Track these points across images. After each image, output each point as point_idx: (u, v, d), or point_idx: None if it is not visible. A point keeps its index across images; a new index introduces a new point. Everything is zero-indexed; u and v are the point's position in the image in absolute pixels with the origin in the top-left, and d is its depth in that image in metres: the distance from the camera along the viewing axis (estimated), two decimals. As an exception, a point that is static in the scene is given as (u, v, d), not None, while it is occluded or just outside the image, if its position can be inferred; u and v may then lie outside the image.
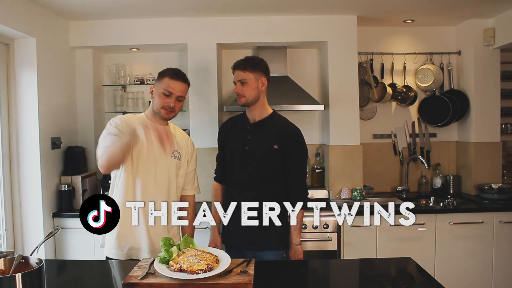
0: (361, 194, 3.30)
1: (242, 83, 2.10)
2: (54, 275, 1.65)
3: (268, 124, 2.14)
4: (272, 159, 2.09)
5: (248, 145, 2.12)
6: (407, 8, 3.19)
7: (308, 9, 3.21)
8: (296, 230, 2.06)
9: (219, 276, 1.39)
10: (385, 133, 3.78)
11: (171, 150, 2.06)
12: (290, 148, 2.10)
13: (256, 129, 2.14)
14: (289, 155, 2.09)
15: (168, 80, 2.00)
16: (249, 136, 2.13)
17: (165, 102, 1.99)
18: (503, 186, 3.37)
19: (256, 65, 2.12)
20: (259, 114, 2.15)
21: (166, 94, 1.99)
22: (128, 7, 3.06)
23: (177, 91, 2.00)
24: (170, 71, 2.05)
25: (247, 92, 2.09)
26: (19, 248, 2.85)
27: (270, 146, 2.08)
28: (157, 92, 2.01)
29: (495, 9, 3.21)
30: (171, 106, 2.00)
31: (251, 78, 2.09)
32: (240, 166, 2.14)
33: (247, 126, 2.17)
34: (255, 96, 2.10)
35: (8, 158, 2.82)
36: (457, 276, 3.03)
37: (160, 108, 2.00)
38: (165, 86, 1.99)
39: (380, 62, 3.69)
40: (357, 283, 1.62)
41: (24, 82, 2.85)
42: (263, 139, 2.11)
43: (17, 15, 2.66)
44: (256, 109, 2.14)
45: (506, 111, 3.75)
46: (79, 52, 3.44)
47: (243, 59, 2.15)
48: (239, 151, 2.14)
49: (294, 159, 2.11)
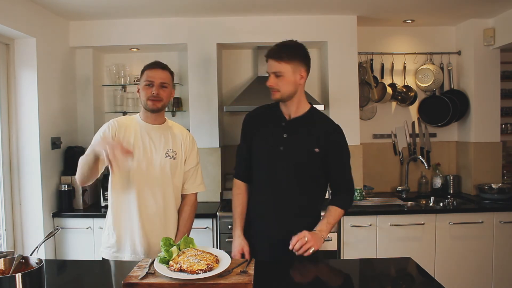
0: (361, 194, 3.30)
1: (276, 76, 1.79)
2: (54, 275, 1.65)
3: (307, 123, 1.87)
4: (313, 164, 1.85)
5: (284, 145, 1.85)
6: (407, 8, 3.19)
7: (308, 9, 3.21)
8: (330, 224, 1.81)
9: (219, 276, 1.39)
10: (385, 133, 3.78)
11: (165, 150, 2.00)
12: (336, 149, 1.88)
13: (294, 128, 1.86)
14: (335, 157, 1.87)
15: (148, 71, 1.98)
16: (285, 135, 1.86)
17: (149, 92, 1.95)
18: (503, 186, 3.37)
19: (294, 54, 1.80)
20: (295, 110, 1.88)
21: (148, 84, 1.95)
22: (128, 7, 3.06)
23: (158, 78, 1.96)
24: (148, 64, 2.02)
25: (283, 86, 1.79)
26: (19, 248, 2.85)
27: (310, 150, 1.83)
28: (141, 86, 1.99)
29: (495, 9, 3.21)
30: (155, 94, 1.94)
31: (287, 70, 1.78)
32: (273, 169, 1.86)
33: (282, 122, 1.88)
34: (292, 90, 1.81)
35: (8, 158, 2.82)
36: (457, 276, 3.04)
37: (147, 101, 1.96)
38: (145, 78, 1.97)
39: (380, 62, 3.69)
40: (357, 283, 1.62)
41: (24, 82, 2.85)
42: (303, 141, 1.85)
43: (17, 15, 2.66)
44: (292, 104, 1.86)
45: (506, 111, 3.75)
46: (79, 52, 3.44)
47: (279, 46, 1.83)
48: (272, 151, 1.86)
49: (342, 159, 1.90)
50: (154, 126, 2.03)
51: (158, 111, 2.00)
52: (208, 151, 3.32)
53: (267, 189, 1.89)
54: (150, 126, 2.03)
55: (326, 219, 1.82)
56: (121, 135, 1.96)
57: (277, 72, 1.79)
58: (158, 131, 2.03)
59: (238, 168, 2.01)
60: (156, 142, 2.00)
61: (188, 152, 2.10)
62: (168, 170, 2.00)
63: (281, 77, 1.79)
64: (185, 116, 3.60)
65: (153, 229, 1.96)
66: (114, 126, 1.98)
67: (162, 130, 2.05)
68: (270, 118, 1.92)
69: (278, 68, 1.78)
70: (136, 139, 1.98)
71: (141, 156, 1.95)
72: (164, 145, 2.01)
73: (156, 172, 1.97)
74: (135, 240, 1.94)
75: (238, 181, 2.00)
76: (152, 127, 2.03)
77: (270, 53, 1.82)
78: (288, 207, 1.88)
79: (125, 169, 1.90)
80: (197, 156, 2.14)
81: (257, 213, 1.95)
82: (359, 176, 3.41)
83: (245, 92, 3.36)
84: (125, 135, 1.97)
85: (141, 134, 2.00)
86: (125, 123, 2.01)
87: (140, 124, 2.03)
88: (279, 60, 1.78)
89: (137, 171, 1.95)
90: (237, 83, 3.69)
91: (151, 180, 1.96)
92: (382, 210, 3.05)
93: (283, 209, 1.88)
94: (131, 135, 1.98)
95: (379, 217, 3.01)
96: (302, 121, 1.88)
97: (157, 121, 2.05)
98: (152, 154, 1.98)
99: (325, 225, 1.80)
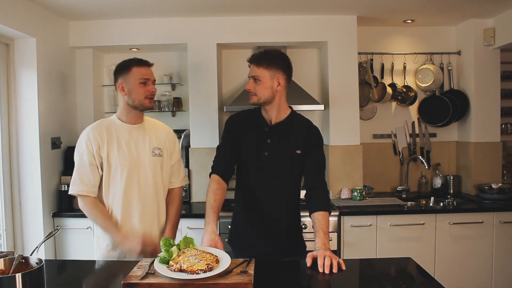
0: (361, 194, 3.30)
1: (255, 80, 1.86)
2: (54, 275, 1.65)
3: (289, 127, 1.93)
4: (296, 166, 1.92)
5: (268, 151, 1.90)
6: (407, 8, 3.19)
7: (308, 9, 3.21)
8: (327, 233, 1.78)
9: (219, 276, 1.39)
10: (385, 133, 3.78)
11: (151, 149, 1.97)
12: (314, 149, 1.93)
13: (276, 133, 1.92)
14: (313, 157, 1.92)
15: (138, 68, 1.92)
16: (269, 140, 1.91)
17: (148, 90, 1.91)
18: (503, 186, 3.37)
19: (273, 61, 1.85)
20: (276, 115, 1.93)
21: (143, 82, 1.90)
22: (128, 7, 3.06)
23: (151, 75, 1.94)
24: (132, 61, 1.95)
25: (260, 90, 1.86)
26: (19, 248, 2.85)
27: (293, 152, 1.90)
28: (133, 84, 1.90)
29: (495, 9, 3.21)
30: (155, 92, 1.93)
31: (265, 76, 1.84)
32: (259, 174, 1.92)
33: (265, 128, 1.93)
34: (268, 96, 1.86)
35: (8, 158, 2.82)
36: (457, 276, 3.04)
37: (144, 99, 1.91)
38: (139, 76, 1.90)
39: (380, 62, 3.69)
40: (357, 283, 1.62)
41: (24, 82, 2.85)
42: (285, 145, 1.91)
43: (17, 15, 2.66)
44: (272, 110, 1.92)
45: (506, 111, 3.75)
46: (79, 52, 3.44)
47: (261, 53, 1.89)
48: (257, 156, 1.91)
49: (319, 158, 1.94)
50: (134, 126, 1.98)
51: (151, 108, 1.98)
52: (208, 151, 3.32)
53: (253, 193, 1.95)
54: (131, 127, 1.97)
55: (321, 231, 1.76)
56: (104, 146, 1.89)
57: (255, 76, 1.86)
58: (140, 130, 1.98)
59: (220, 165, 1.94)
60: (141, 143, 1.95)
61: (171, 147, 2.07)
62: (158, 169, 1.97)
63: (259, 82, 1.85)
64: (185, 116, 3.60)
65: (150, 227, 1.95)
66: (95, 137, 1.89)
67: (143, 129, 1.99)
68: (254, 123, 1.96)
69: (256, 72, 1.85)
70: (120, 143, 1.91)
71: (127, 160, 1.90)
72: (149, 144, 1.97)
73: (147, 174, 1.94)
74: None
75: (218, 177, 1.90)
76: (133, 127, 1.97)
77: (251, 58, 1.89)
78: (275, 208, 1.94)
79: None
80: (180, 149, 2.13)
81: (245, 217, 1.99)
82: (359, 176, 3.41)
83: (245, 92, 3.34)
84: (108, 144, 1.90)
85: (124, 138, 1.93)
86: (104, 129, 1.93)
87: (120, 126, 1.96)
88: (258, 66, 1.85)
89: (128, 177, 1.90)
90: (237, 83, 3.69)
91: (144, 184, 1.93)
92: (382, 210, 3.05)
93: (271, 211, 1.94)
94: (114, 141, 1.91)
95: (379, 217, 3.01)
96: (283, 126, 1.93)
97: (138, 120, 1.99)
98: (139, 156, 1.93)
99: (324, 238, 1.75)
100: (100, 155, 1.89)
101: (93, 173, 1.89)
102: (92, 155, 1.88)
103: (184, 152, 3.45)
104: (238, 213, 2.06)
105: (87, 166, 1.88)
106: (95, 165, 1.89)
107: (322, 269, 1.57)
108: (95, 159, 1.89)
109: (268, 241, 1.95)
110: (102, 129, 1.93)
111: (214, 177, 1.90)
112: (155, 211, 1.99)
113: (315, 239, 1.75)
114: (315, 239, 1.75)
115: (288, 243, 1.98)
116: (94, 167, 1.89)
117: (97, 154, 1.89)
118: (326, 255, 1.60)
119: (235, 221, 2.08)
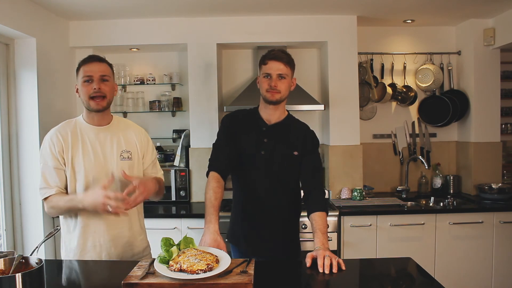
0: (361, 194, 3.30)
1: (280, 77, 1.86)
2: (54, 275, 1.65)
3: (287, 128, 1.97)
4: (292, 166, 1.94)
5: (265, 150, 1.92)
6: (407, 8, 3.19)
7: (308, 9, 3.21)
8: (325, 234, 1.77)
9: (219, 276, 1.39)
10: (385, 133, 3.78)
11: (119, 152, 1.84)
12: (310, 153, 1.96)
13: (273, 133, 1.94)
14: (310, 159, 1.95)
15: (84, 67, 1.78)
16: (266, 139, 1.93)
17: (89, 89, 1.75)
18: (503, 186, 3.36)
19: (292, 61, 1.92)
20: (277, 116, 1.95)
21: (87, 80, 1.76)
22: (128, 7, 3.06)
23: (97, 72, 1.76)
24: (82, 60, 1.82)
25: (284, 88, 1.87)
26: (19, 248, 2.85)
27: (290, 153, 1.93)
28: (80, 85, 1.78)
29: (495, 9, 3.21)
30: (96, 89, 1.74)
31: (289, 74, 1.88)
32: (256, 173, 1.94)
33: (263, 127, 1.95)
34: (287, 95, 1.91)
35: (8, 158, 2.82)
36: (457, 276, 3.04)
37: (89, 100, 1.76)
38: (82, 74, 1.77)
39: (380, 62, 3.69)
40: (357, 283, 1.62)
41: (24, 82, 2.85)
42: (282, 145, 1.93)
43: (17, 15, 2.66)
44: (278, 109, 1.94)
45: (506, 111, 3.75)
46: (79, 52, 3.44)
47: (283, 51, 1.91)
48: (254, 155, 1.93)
49: (315, 162, 1.96)
50: (101, 127, 1.85)
51: (103, 110, 1.80)
52: (208, 151, 3.24)
53: (251, 192, 1.96)
54: (97, 129, 1.84)
55: (319, 232, 1.76)
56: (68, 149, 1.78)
57: (282, 74, 1.86)
58: (107, 132, 1.85)
59: (218, 163, 1.92)
60: (108, 146, 1.83)
61: (144, 148, 1.93)
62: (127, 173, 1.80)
63: (284, 80, 1.87)
64: (185, 116, 3.60)
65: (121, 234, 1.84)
66: (58, 140, 1.78)
67: (111, 131, 1.86)
68: (251, 123, 1.97)
69: (284, 70, 1.86)
70: (85, 147, 1.79)
71: (93, 165, 1.78)
72: (116, 147, 1.84)
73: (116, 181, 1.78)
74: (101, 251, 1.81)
75: (217, 175, 1.87)
76: (99, 129, 1.84)
77: (276, 56, 1.87)
78: (272, 208, 1.96)
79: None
80: (153, 149, 2.00)
81: (243, 215, 2.01)
82: (359, 176, 3.41)
83: (245, 92, 3.36)
84: (73, 147, 1.79)
85: (90, 140, 1.81)
86: (68, 131, 1.82)
87: (85, 128, 1.84)
88: (285, 63, 1.87)
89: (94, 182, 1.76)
90: (237, 83, 3.69)
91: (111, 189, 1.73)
92: (382, 210, 3.05)
93: (268, 210, 1.96)
94: (78, 144, 1.79)
95: (379, 217, 3.01)
96: (281, 127, 1.96)
97: (105, 120, 1.86)
98: (106, 161, 1.81)
99: (323, 238, 1.75)
100: (63, 158, 1.78)
101: (59, 176, 1.78)
102: (56, 158, 1.78)
103: (184, 152, 3.45)
104: (236, 212, 2.07)
105: (52, 170, 1.78)
106: (61, 169, 1.78)
107: (322, 269, 1.56)
108: (60, 162, 1.78)
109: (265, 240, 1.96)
110: (66, 131, 1.81)
111: (213, 175, 1.87)
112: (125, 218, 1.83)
113: (314, 239, 1.75)
114: (314, 240, 1.75)
115: (284, 242, 2.00)
116: (60, 171, 1.78)
117: (60, 157, 1.78)
118: (326, 255, 1.60)
119: (233, 219, 2.09)
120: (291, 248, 2.04)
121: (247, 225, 2.00)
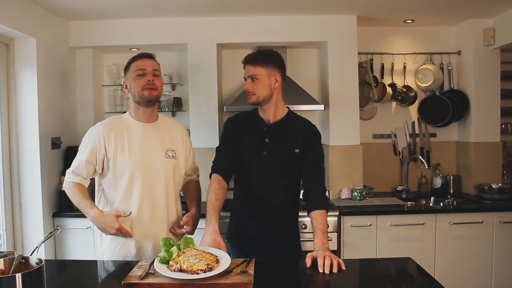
0: (361, 194, 3.30)
1: (252, 79, 1.89)
2: (54, 275, 1.65)
3: (287, 126, 1.96)
4: (294, 164, 1.94)
5: (267, 150, 1.92)
6: (407, 8, 3.19)
7: (308, 9, 3.21)
8: (325, 233, 1.77)
9: (219, 276, 1.39)
10: (385, 133, 3.78)
11: (164, 150, 1.88)
12: (312, 148, 1.94)
13: (274, 132, 1.94)
14: (310, 156, 1.94)
15: (136, 62, 1.86)
16: (267, 139, 1.93)
17: (143, 81, 1.81)
18: (503, 186, 3.36)
19: (268, 59, 1.90)
20: (274, 114, 1.95)
21: (140, 74, 1.83)
22: (128, 7, 3.06)
23: (149, 66, 1.85)
24: (134, 56, 1.91)
25: (258, 89, 1.89)
26: (19, 248, 2.85)
27: (292, 151, 1.92)
28: (131, 79, 1.85)
29: (495, 9, 3.21)
30: (150, 81, 1.81)
31: (262, 74, 1.88)
32: (258, 173, 1.94)
33: (263, 127, 1.95)
34: (267, 94, 1.90)
35: (8, 158, 2.82)
36: (457, 276, 3.04)
37: (142, 91, 1.81)
38: (134, 68, 1.84)
39: (380, 62, 3.69)
40: (357, 283, 1.62)
41: (24, 82, 2.85)
42: (284, 144, 1.93)
43: (17, 15, 2.66)
44: (270, 108, 1.94)
45: (506, 111, 3.75)
46: (79, 52, 3.44)
47: (255, 53, 1.93)
48: (256, 156, 1.93)
49: (317, 158, 1.96)
50: (148, 124, 1.90)
51: (155, 101, 1.86)
52: (208, 151, 3.31)
53: (254, 193, 1.96)
54: (144, 125, 1.88)
55: (319, 231, 1.75)
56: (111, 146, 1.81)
57: (252, 75, 1.89)
58: (153, 129, 1.89)
59: (221, 165, 1.93)
60: (154, 143, 1.87)
61: (188, 149, 2.01)
62: (170, 172, 1.89)
63: (257, 81, 1.88)
64: (185, 116, 3.60)
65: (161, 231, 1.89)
66: (103, 137, 1.82)
67: (157, 128, 1.91)
68: (252, 124, 1.99)
69: (253, 71, 1.89)
70: (131, 143, 1.83)
71: (138, 161, 1.82)
72: (162, 144, 1.88)
73: (159, 178, 1.86)
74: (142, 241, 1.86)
75: (219, 177, 1.89)
76: (147, 126, 1.89)
77: (246, 59, 1.93)
78: (273, 208, 1.96)
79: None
80: (193, 150, 2.09)
81: (244, 215, 2.02)
82: (359, 176, 3.41)
83: (245, 92, 3.35)
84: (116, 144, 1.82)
85: (136, 137, 1.85)
86: (115, 126, 1.86)
87: (133, 124, 1.88)
88: (254, 65, 1.88)
89: (137, 179, 1.82)
90: (237, 83, 3.69)
91: (154, 187, 1.85)
92: (382, 210, 3.05)
93: (269, 210, 1.96)
94: (125, 140, 1.83)
95: (379, 217, 3.01)
96: (281, 125, 1.96)
97: (152, 118, 1.92)
98: (151, 157, 1.85)
99: (323, 238, 1.74)
100: (105, 154, 1.82)
101: (87, 170, 1.85)
102: (92, 153, 1.82)
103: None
104: (237, 212, 2.07)
105: (83, 162, 1.84)
106: (91, 164, 1.83)
107: (322, 269, 1.56)
108: (95, 158, 1.82)
109: (265, 240, 1.96)
110: (112, 128, 1.85)
111: (215, 177, 1.89)
112: (165, 214, 1.91)
113: (314, 239, 1.75)
114: (314, 239, 1.75)
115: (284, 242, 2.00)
116: (90, 165, 1.84)
117: (99, 153, 1.82)
118: (326, 255, 1.60)
119: (233, 219, 2.09)
120: (291, 248, 2.04)
121: (248, 225, 2.00)
